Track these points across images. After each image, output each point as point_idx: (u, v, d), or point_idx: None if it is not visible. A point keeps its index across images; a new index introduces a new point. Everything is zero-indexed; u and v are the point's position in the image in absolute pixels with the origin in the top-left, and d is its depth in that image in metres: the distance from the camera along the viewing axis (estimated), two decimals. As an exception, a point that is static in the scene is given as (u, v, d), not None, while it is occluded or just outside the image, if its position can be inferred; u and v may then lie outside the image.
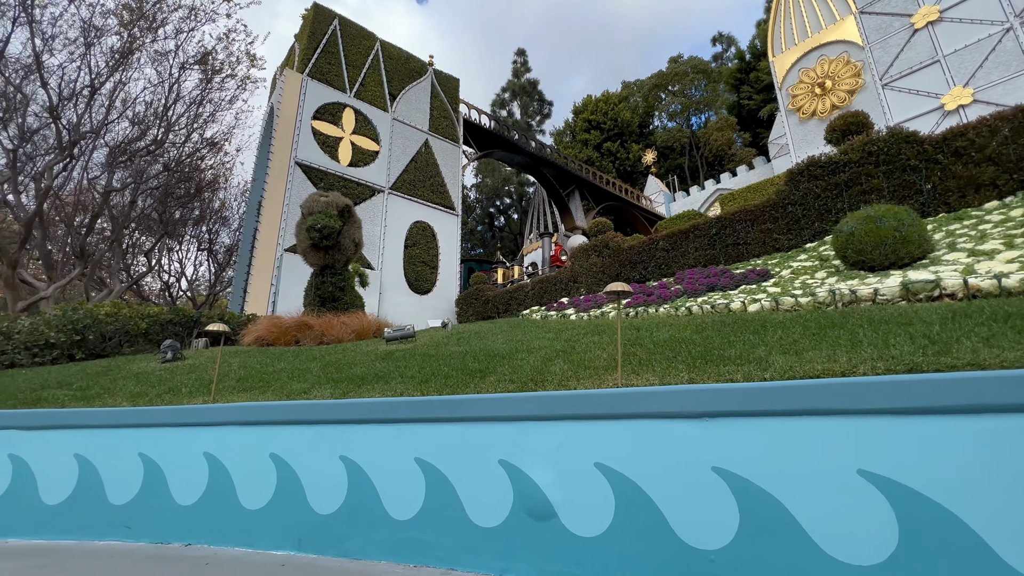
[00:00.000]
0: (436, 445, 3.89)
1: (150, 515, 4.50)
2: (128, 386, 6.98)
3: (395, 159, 20.45)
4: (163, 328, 11.53)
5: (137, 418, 4.82)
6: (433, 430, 3.95)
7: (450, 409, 3.92)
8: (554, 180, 29.23)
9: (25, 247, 12.28)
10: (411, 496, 3.82)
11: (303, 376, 6.69)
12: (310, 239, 10.61)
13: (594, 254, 13.97)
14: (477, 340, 7.81)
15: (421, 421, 4.01)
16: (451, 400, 3.96)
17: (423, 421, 4.00)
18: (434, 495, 3.75)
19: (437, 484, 3.77)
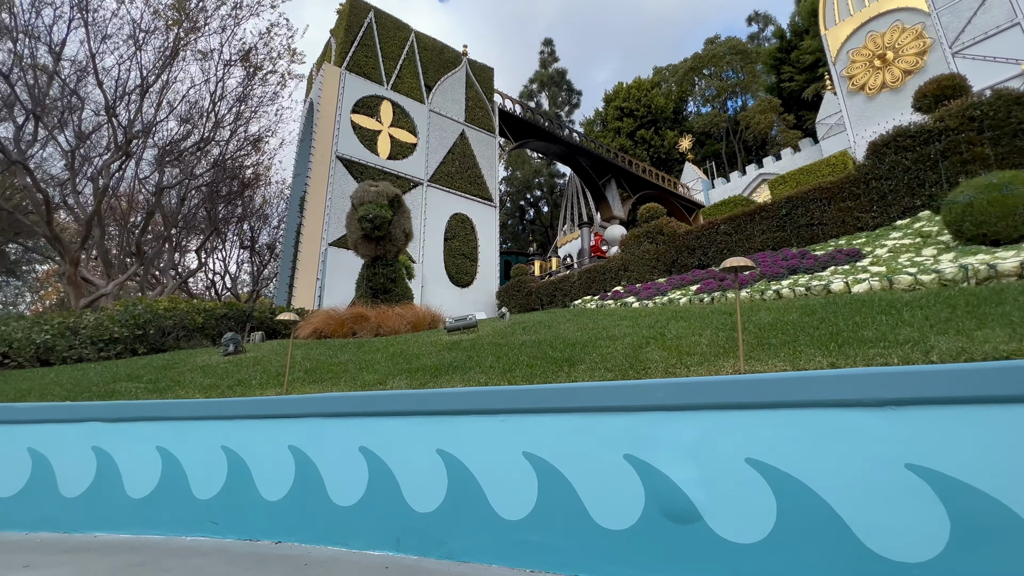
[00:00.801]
0: (547, 438, 3.53)
1: (237, 511, 4.31)
2: (197, 379, 6.91)
3: (432, 151, 20.23)
4: (218, 322, 11.60)
5: (220, 410, 4.64)
6: (543, 421, 3.58)
7: (563, 398, 3.54)
8: (591, 169, 28.54)
9: (85, 246, 12.57)
10: (521, 494, 3.47)
11: (371, 367, 6.46)
12: (361, 230, 10.43)
13: (646, 241, 13.39)
14: (544, 329, 7.44)
15: (528, 412, 3.65)
16: (564, 388, 3.58)
17: (530, 412, 3.64)
18: (549, 493, 3.39)
19: (552, 481, 3.41)
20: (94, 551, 3.98)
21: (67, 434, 4.90)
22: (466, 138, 21.67)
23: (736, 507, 2.86)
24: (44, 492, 4.76)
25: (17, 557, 3.82)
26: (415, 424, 3.99)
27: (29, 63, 11.25)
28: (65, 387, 6.95)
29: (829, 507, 2.65)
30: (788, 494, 2.76)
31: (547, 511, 3.38)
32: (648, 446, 3.21)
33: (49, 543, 4.25)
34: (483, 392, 3.89)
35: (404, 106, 19.89)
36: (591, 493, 3.29)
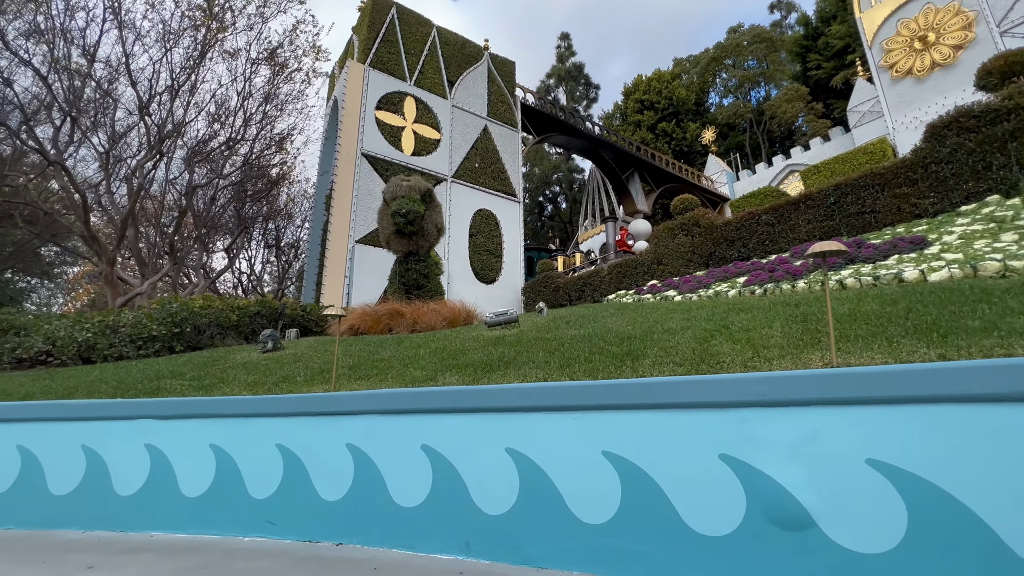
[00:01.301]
0: (629, 436, 3.29)
1: (294, 510, 4.17)
2: (240, 375, 6.84)
3: (456, 147, 20.08)
4: (251, 320, 11.62)
5: (274, 407, 4.51)
6: (623, 419, 3.35)
7: (646, 393, 3.30)
8: (613, 163, 28.09)
9: (120, 245, 12.73)
10: (603, 496, 3.25)
11: (416, 363, 6.30)
12: (394, 225, 10.29)
13: (681, 233, 13.01)
14: (589, 324, 7.19)
15: (606, 408, 3.42)
16: (648, 384, 3.34)
17: (609, 408, 3.41)
18: (634, 496, 3.16)
19: (636, 482, 3.18)
20: (154, 551, 3.88)
21: (120, 432, 4.83)
22: (489, 133, 21.47)
23: (858, 513, 2.59)
24: (98, 490, 4.70)
25: (79, 557, 3.74)
26: (481, 421, 3.79)
27: (64, 65, 11.41)
28: (110, 384, 6.95)
29: (971, 512, 2.37)
30: (920, 499, 2.48)
31: (633, 515, 3.15)
32: (747, 445, 2.95)
33: (107, 542, 4.17)
34: (555, 388, 3.67)
35: (427, 102, 19.76)
36: (682, 496, 3.05)
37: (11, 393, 6.74)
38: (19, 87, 11.21)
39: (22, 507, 4.76)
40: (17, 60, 10.90)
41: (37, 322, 9.94)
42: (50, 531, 4.58)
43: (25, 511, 4.75)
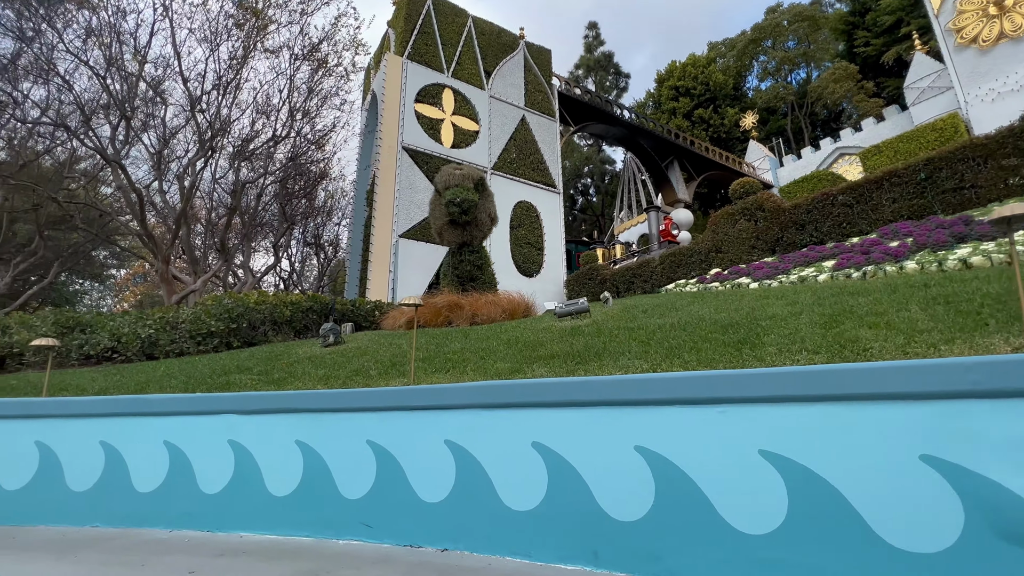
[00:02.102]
0: (792, 434, 2.84)
1: (391, 513, 3.88)
2: (309, 369, 6.66)
3: (495, 138, 19.72)
4: (304, 315, 11.55)
5: (363, 401, 4.22)
6: (783, 414, 2.89)
7: (815, 384, 2.83)
8: (652, 151, 27.21)
9: (175, 243, 12.91)
10: (763, 503, 2.80)
11: (492, 355, 5.96)
12: (448, 215, 9.99)
13: (743, 219, 12.28)
14: (671, 312, 6.70)
15: (760, 401, 2.97)
16: (821, 372, 2.86)
17: (763, 401, 2.96)
18: (804, 503, 2.71)
19: (806, 487, 2.72)
20: (251, 554, 3.65)
21: (202, 427, 4.65)
22: (527, 123, 21.02)
23: None
24: (183, 488, 4.53)
25: (176, 559, 3.54)
26: (603, 416, 3.39)
27: (119, 65, 11.57)
28: (179, 379, 6.87)
29: None
30: None
31: (805, 525, 2.70)
32: (959, 443, 2.46)
33: (198, 543, 3.98)
34: (692, 378, 3.23)
35: (465, 93, 19.46)
36: (871, 504, 2.58)
37: (86, 388, 6.73)
38: (76, 89, 11.49)
39: (108, 505, 4.64)
40: (77, 62, 11.13)
41: (102, 320, 10.08)
42: (137, 529, 4.44)
43: (111, 509, 4.63)
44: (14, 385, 7.26)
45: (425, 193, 17.28)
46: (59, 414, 4.98)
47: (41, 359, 9.09)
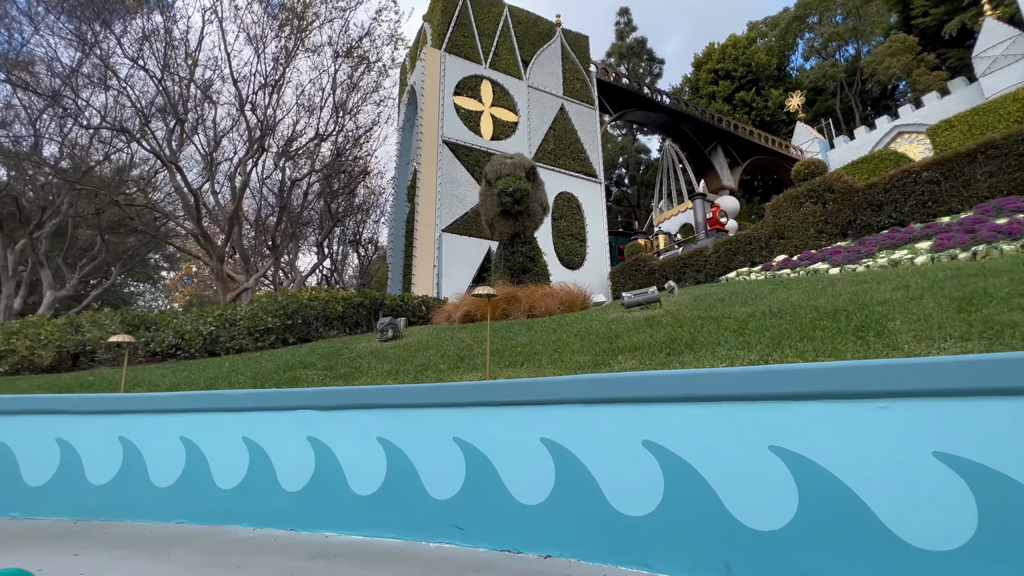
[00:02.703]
0: (985, 435, 2.40)
1: (485, 515, 3.64)
2: (373, 364, 6.54)
3: (534, 128, 19.35)
4: (355, 311, 11.55)
5: (448, 396, 3.99)
6: (966, 410, 2.46)
7: (1010, 375, 2.39)
8: (695, 137, 26.22)
9: (228, 242, 13.19)
10: (944, 513, 2.40)
11: (566, 347, 5.65)
12: (500, 205, 9.71)
13: (808, 201, 11.52)
14: (754, 300, 6.23)
15: (932, 395, 2.55)
16: (1015, 360, 2.41)
17: (937, 396, 2.54)
18: (1002, 516, 2.28)
19: (998, 496, 2.30)
20: (342, 556, 3.48)
21: (280, 423, 4.55)
22: (566, 112, 20.54)
23: None
24: (264, 485, 4.44)
25: (270, 561, 3.41)
26: (730, 412, 3.03)
27: (173, 70, 11.87)
28: (246, 375, 6.87)
29: None
30: None
31: (995, 542, 2.28)
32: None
33: (285, 543, 3.85)
34: (839, 369, 2.83)
35: (503, 84, 19.15)
36: None
37: (158, 384, 6.81)
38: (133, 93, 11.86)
39: (190, 501, 4.60)
40: (134, 67, 11.48)
41: (166, 318, 10.32)
42: (221, 527, 4.37)
43: (194, 505, 4.59)
44: (91, 381, 7.44)
45: (466, 187, 17.11)
46: (140, 410, 4.98)
47: (112, 356, 9.37)
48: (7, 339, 9.31)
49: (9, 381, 7.95)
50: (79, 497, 4.87)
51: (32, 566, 3.41)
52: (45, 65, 12.77)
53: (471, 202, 17.02)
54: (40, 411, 5.17)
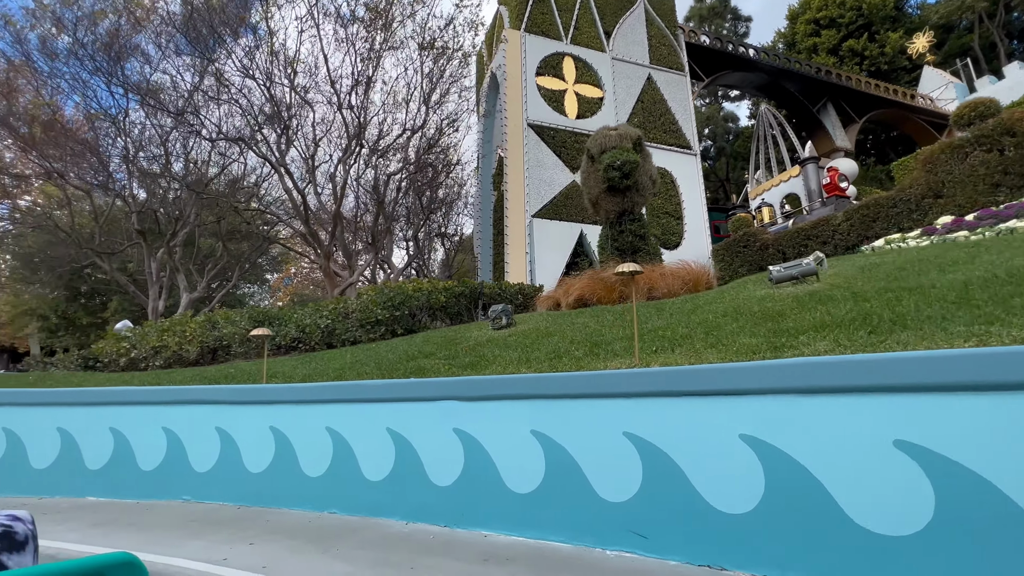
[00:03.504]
0: None
1: (671, 521, 3.15)
2: (496, 352, 6.28)
3: (620, 102, 18.30)
4: (456, 300, 11.51)
5: (617, 385, 3.52)
6: None
7: None
8: (801, 95, 23.48)
9: (333, 239, 13.84)
10: None
11: (718, 330, 4.96)
12: (607, 180, 9.06)
13: (979, 150, 9.60)
14: (953, 267, 5.11)
15: None
16: None
17: None
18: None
19: None
20: (514, 561, 3.17)
21: (424, 414, 4.37)
22: (654, 82, 19.20)
23: None
24: (413, 478, 4.29)
25: (441, 564, 3.19)
26: None
27: (277, 79, 12.58)
28: (370, 365, 6.93)
29: None
30: None
31: None
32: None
33: (445, 541, 3.64)
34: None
35: (586, 59, 18.27)
36: None
37: (291, 375, 7.06)
38: (244, 104, 12.81)
39: (341, 491, 4.59)
40: (246, 78, 12.31)
41: (287, 313, 10.91)
42: (374, 519, 4.29)
43: (344, 496, 4.57)
44: (232, 373, 7.93)
45: (554, 169, 16.57)
46: (288, 400, 5.07)
47: (244, 349, 10.05)
48: (160, 336, 10.33)
49: (167, 374, 8.74)
50: (238, 484, 5.07)
51: (216, 554, 3.48)
52: (170, 86, 14.15)
53: (559, 185, 16.46)
54: (202, 401, 5.47)
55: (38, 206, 17.56)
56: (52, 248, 20.08)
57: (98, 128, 15.87)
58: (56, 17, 13.29)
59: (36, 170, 17.19)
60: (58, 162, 15.11)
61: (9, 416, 5.81)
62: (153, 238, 17.11)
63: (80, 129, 16.43)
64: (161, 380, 7.80)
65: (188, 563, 3.28)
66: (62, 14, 13.70)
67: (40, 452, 5.68)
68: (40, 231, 19.07)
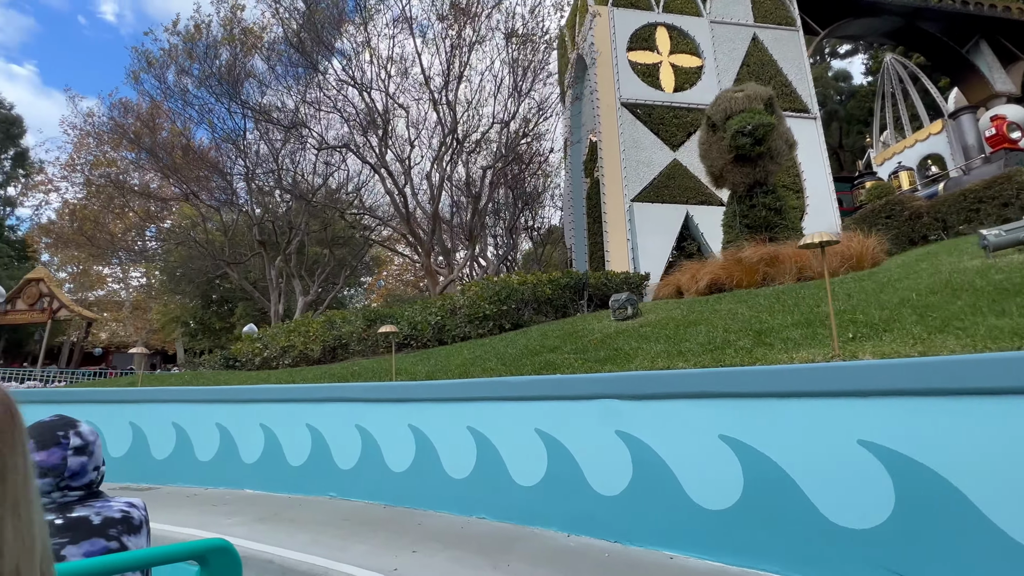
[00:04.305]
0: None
1: (947, 558, 2.40)
2: (635, 344, 5.70)
3: (723, 69, 16.65)
4: (562, 292, 11.05)
5: (844, 380, 2.78)
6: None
7: None
8: (945, 36, 19.89)
9: (434, 237, 14.04)
10: None
11: (936, 310, 3.96)
12: (735, 148, 8.05)
13: None
14: None
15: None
16: None
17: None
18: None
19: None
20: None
21: (581, 414, 3.93)
22: (760, 42, 17.25)
23: None
24: (570, 486, 3.87)
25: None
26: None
27: (372, 83, 12.98)
28: (493, 361, 6.65)
29: None
30: None
31: None
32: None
33: (632, 563, 3.15)
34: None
35: (681, 27, 16.85)
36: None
37: (414, 372, 7.01)
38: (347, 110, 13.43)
39: (488, 496, 4.31)
40: (347, 85, 12.84)
41: (398, 311, 11.14)
42: (531, 529, 3.93)
43: (491, 501, 4.27)
44: (356, 370, 8.10)
45: (651, 149, 15.47)
46: (427, 398, 4.90)
47: (363, 347, 10.40)
48: (288, 336, 11.02)
49: (298, 371, 9.22)
50: (382, 482, 5.00)
51: (384, 562, 3.30)
52: (280, 103, 15.28)
53: (659, 165, 15.35)
54: (341, 399, 5.51)
55: (179, 226, 19.89)
56: (192, 262, 22.71)
57: (222, 150, 17.57)
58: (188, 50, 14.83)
59: (176, 193, 19.45)
60: (194, 184, 16.94)
61: (178, 412, 6.31)
62: (271, 248, 18.63)
63: (208, 153, 18.29)
64: (295, 377, 8.19)
65: (360, 572, 3.12)
66: (191, 48, 15.27)
67: (204, 445, 6.08)
68: (182, 247, 21.60)
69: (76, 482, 1.12)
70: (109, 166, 20.61)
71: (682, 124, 15.83)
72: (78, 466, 1.12)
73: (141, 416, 6.55)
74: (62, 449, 1.11)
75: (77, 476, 1.12)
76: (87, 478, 1.14)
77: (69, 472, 1.11)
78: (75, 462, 1.12)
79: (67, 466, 1.10)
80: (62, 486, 1.10)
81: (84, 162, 22.84)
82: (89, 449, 1.15)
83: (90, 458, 1.15)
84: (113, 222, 22.04)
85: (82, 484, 1.13)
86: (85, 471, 1.14)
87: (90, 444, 1.16)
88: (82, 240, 20.51)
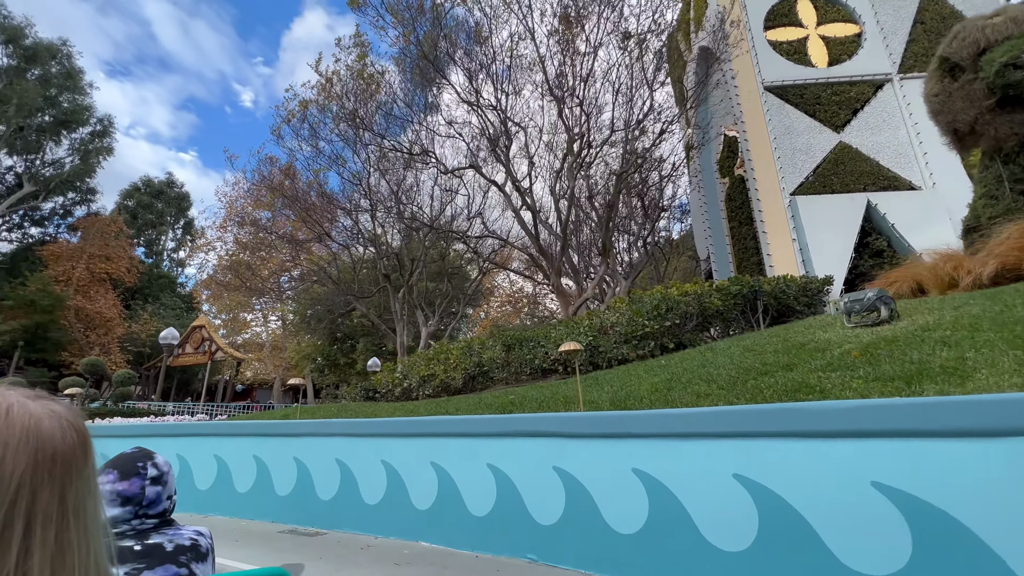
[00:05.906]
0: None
1: None
2: (948, 353, 3.99)
3: (890, 31, 14.00)
4: (733, 303, 9.30)
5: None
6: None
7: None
8: None
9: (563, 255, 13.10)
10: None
11: None
12: (1002, 89, 5.95)
13: None
14: None
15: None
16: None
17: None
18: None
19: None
20: None
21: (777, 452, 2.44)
22: (935, -8, 14.36)
23: None
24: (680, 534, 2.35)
25: None
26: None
27: (491, 103, 12.68)
28: (661, 391, 5.26)
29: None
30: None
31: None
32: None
33: None
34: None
35: (828, -7, 14.60)
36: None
37: (597, 402, 5.80)
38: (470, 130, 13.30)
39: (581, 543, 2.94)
40: (470, 108, 12.68)
41: (539, 333, 10.15)
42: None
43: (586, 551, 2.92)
44: (512, 400, 7.11)
45: (808, 134, 13.22)
46: (577, 433, 3.65)
47: (506, 375, 9.49)
48: (427, 364, 10.52)
49: (444, 403, 8.50)
50: (523, 535, 3.86)
51: None
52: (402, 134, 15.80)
53: (821, 151, 13.02)
54: (529, 434, 4.48)
55: (315, 266, 21.40)
56: (321, 301, 24.33)
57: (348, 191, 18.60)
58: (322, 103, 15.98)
59: (311, 235, 20.96)
60: (327, 223, 18.04)
61: (341, 447, 5.74)
62: (394, 281, 19.08)
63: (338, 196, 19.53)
64: (458, 408, 7.41)
65: None
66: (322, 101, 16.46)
67: (371, 486, 5.39)
68: (317, 284, 23.19)
69: (152, 510, 1.20)
70: (254, 224, 23.13)
71: (844, 101, 13.38)
72: (154, 495, 1.20)
73: (304, 451, 6.11)
74: (141, 479, 1.19)
75: (153, 504, 1.20)
76: (161, 506, 1.22)
77: (147, 501, 1.19)
78: (152, 491, 1.20)
79: (144, 495, 1.18)
80: (140, 514, 1.18)
81: (233, 221, 26.16)
82: (163, 479, 1.23)
83: (164, 487, 1.23)
84: (259, 267, 24.52)
85: (157, 512, 1.21)
86: (160, 500, 1.21)
87: (164, 474, 1.24)
88: (237, 283, 22.91)
